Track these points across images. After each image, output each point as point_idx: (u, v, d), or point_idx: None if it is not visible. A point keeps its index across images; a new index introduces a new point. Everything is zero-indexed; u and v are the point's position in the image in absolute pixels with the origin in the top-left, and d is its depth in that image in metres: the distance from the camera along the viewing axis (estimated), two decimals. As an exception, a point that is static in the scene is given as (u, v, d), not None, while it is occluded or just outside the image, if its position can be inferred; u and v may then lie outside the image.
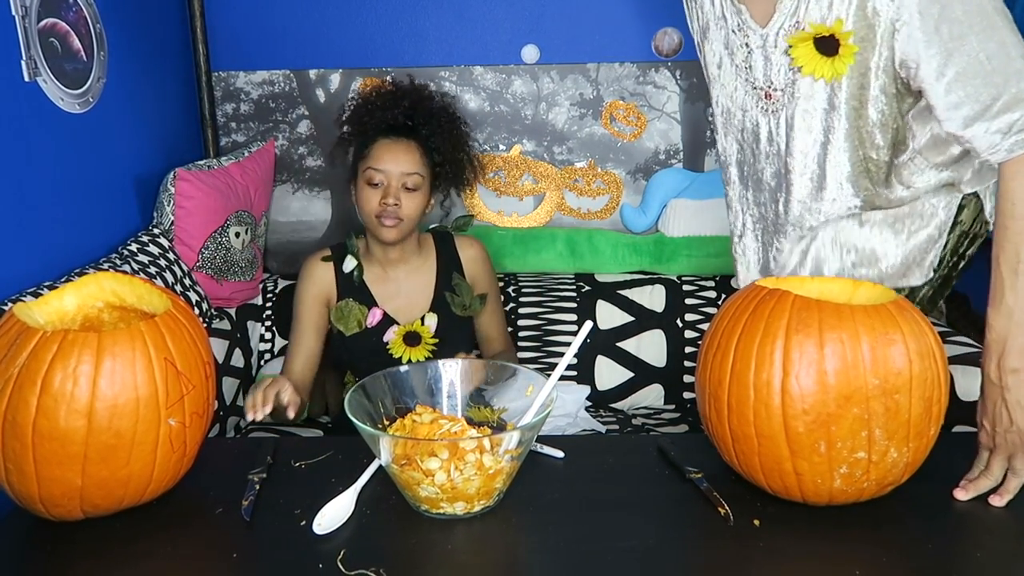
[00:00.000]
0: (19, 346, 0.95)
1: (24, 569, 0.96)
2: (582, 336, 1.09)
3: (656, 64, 2.22)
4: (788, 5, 1.26)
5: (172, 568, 0.95)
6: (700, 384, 1.08)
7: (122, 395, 0.95)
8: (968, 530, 0.99)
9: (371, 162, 1.68)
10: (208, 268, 1.90)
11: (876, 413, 0.94)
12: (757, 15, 1.33)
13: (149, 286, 1.14)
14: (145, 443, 0.98)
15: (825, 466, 0.97)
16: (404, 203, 1.66)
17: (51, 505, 0.98)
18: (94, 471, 0.96)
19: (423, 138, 1.72)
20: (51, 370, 0.93)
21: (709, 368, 1.04)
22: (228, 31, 2.20)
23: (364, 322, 1.75)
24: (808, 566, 0.93)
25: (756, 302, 1.02)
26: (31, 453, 0.94)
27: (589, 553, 0.95)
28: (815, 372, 0.95)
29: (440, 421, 1.11)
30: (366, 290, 1.78)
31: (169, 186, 1.83)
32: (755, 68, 1.37)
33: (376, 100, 1.75)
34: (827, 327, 0.96)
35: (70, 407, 0.93)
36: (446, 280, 1.80)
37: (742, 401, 0.99)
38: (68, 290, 1.10)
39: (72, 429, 0.94)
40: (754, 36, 1.34)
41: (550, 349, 2.04)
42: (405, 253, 1.77)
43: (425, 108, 1.75)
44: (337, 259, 1.79)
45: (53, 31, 1.55)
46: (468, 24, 2.22)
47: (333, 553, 0.94)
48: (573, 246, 2.25)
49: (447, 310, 1.79)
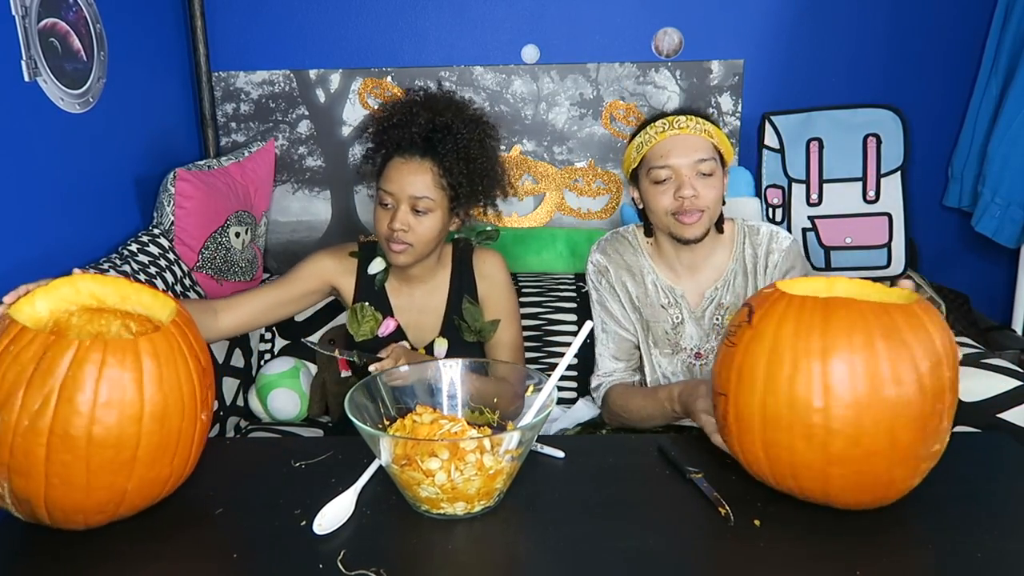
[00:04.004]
0: (53, 358, 0.91)
1: (22, 572, 0.96)
2: (582, 336, 1.09)
3: (656, 64, 2.21)
4: None
5: (172, 568, 0.95)
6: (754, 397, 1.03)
7: (170, 395, 0.97)
8: (968, 530, 0.99)
9: (383, 182, 1.55)
10: (208, 268, 1.90)
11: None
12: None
13: (137, 286, 1.12)
14: (187, 440, 1.01)
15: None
16: (414, 227, 1.53)
17: (93, 513, 0.97)
18: (143, 472, 0.97)
19: (439, 156, 1.54)
20: (100, 378, 0.92)
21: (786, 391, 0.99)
22: (228, 31, 2.20)
23: (376, 330, 1.66)
24: (808, 566, 0.93)
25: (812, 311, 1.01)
26: (85, 464, 0.92)
27: (589, 553, 0.95)
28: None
29: (440, 421, 1.11)
30: (385, 298, 1.68)
31: (169, 186, 1.83)
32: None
33: (393, 116, 1.57)
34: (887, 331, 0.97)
35: (123, 413, 0.93)
36: (457, 302, 1.67)
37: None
38: (39, 295, 1.05)
39: (127, 434, 0.94)
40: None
41: (550, 349, 2.04)
42: (425, 271, 1.65)
43: (443, 123, 1.55)
44: (363, 258, 1.68)
45: (53, 31, 1.55)
46: (468, 24, 2.22)
47: (333, 553, 0.94)
48: (573, 246, 2.25)
49: (457, 335, 1.67)
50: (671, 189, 1.48)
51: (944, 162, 2.28)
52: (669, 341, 1.60)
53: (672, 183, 1.49)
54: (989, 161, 2.05)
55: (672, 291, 1.59)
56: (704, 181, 1.48)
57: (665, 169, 1.49)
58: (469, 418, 1.17)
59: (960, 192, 2.23)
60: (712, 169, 1.49)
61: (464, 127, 1.56)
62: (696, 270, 1.58)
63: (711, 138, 1.50)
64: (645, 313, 1.61)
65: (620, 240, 1.63)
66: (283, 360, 2.01)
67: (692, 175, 1.48)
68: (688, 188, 1.47)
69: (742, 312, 1.08)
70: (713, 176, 1.49)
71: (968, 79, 2.21)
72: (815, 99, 2.19)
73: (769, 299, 1.05)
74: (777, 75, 2.23)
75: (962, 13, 2.19)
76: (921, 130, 2.20)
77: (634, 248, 1.62)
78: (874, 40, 2.21)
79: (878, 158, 2.11)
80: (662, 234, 1.57)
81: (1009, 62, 2.08)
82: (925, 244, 2.28)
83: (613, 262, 1.62)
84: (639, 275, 1.61)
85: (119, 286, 1.11)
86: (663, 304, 1.59)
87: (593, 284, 1.64)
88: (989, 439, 1.30)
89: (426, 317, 1.68)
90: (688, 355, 1.60)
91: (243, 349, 1.96)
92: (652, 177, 1.50)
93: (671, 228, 1.51)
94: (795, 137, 2.14)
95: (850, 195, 2.12)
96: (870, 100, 2.17)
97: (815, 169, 2.13)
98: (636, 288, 1.61)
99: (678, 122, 1.51)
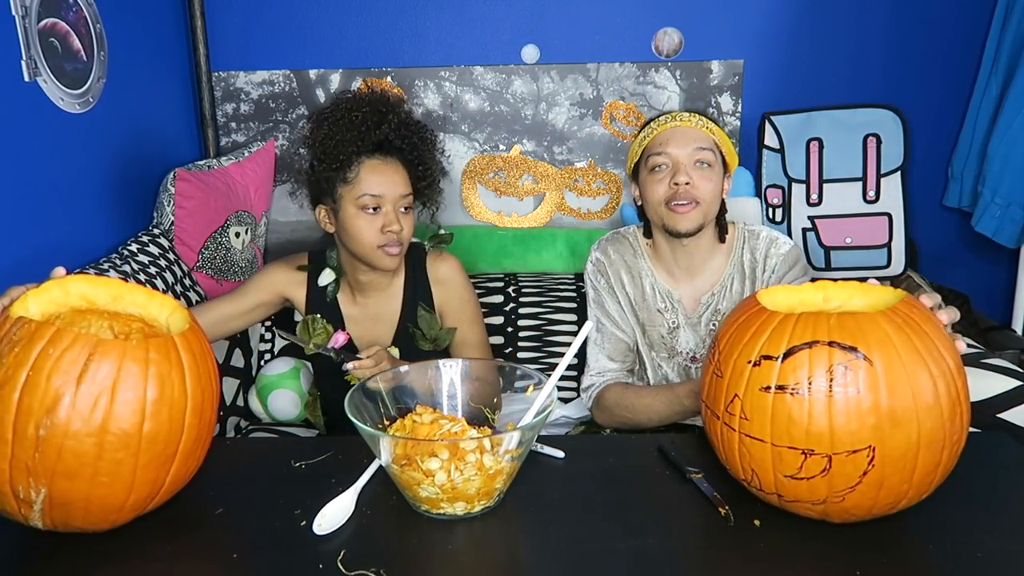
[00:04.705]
0: (100, 357, 0.91)
1: (25, 572, 0.96)
2: (582, 336, 1.09)
3: (656, 64, 2.21)
4: None
5: (172, 568, 0.95)
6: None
7: (206, 389, 1.01)
8: (968, 530, 0.99)
9: (363, 187, 1.50)
10: (208, 268, 1.90)
11: None
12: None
13: (128, 285, 1.11)
14: (209, 431, 1.05)
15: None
16: (405, 226, 1.54)
17: (129, 510, 0.98)
18: (181, 465, 1.00)
19: (404, 155, 1.56)
20: (154, 375, 0.94)
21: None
22: (228, 31, 2.20)
23: (326, 343, 1.59)
24: (808, 566, 0.93)
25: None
26: (135, 459, 0.94)
27: (589, 553, 0.95)
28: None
29: (440, 421, 1.11)
30: (336, 309, 1.66)
31: (169, 186, 1.83)
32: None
33: (353, 117, 1.52)
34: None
35: (172, 409, 0.96)
36: (411, 310, 1.65)
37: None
38: (30, 297, 1.03)
39: (175, 429, 0.97)
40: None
41: (550, 349, 2.04)
42: (380, 277, 1.63)
43: (399, 123, 1.56)
44: (313, 270, 1.67)
45: (53, 31, 1.55)
46: (468, 24, 2.22)
47: (333, 553, 0.94)
48: (573, 246, 2.25)
49: (411, 343, 1.64)
50: (667, 178, 1.48)
51: (944, 162, 2.28)
52: (665, 345, 1.60)
53: (668, 171, 1.48)
54: (989, 161, 2.05)
55: (669, 295, 1.58)
56: (701, 172, 1.48)
57: (662, 156, 1.48)
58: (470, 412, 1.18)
59: (960, 192, 2.23)
60: (710, 160, 1.49)
61: (414, 124, 1.59)
62: (694, 274, 1.58)
63: (712, 134, 1.51)
64: (642, 316, 1.60)
65: (620, 240, 1.63)
66: (283, 360, 2.01)
67: (689, 164, 1.47)
68: (683, 175, 1.46)
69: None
70: (711, 169, 1.49)
71: (968, 79, 2.21)
72: (815, 99, 2.19)
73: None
74: (777, 75, 2.23)
75: (962, 13, 2.19)
76: (921, 130, 2.20)
77: (634, 249, 1.62)
78: (874, 40, 2.21)
79: (878, 158, 2.11)
80: (659, 232, 1.56)
81: (1009, 62, 2.08)
82: (925, 244, 2.28)
83: (613, 262, 1.61)
84: (637, 277, 1.60)
85: (111, 286, 1.10)
86: (659, 308, 1.59)
87: (591, 283, 1.64)
88: (989, 439, 1.30)
89: (379, 326, 1.66)
90: (684, 359, 1.60)
91: (243, 349, 1.96)
92: (650, 165, 1.50)
93: (664, 220, 1.50)
94: (795, 137, 2.14)
95: (850, 195, 2.12)
96: (870, 100, 2.17)
97: (815, 169, 2.13)
98: (634, 290, 1.60)
99: (680, 116, 1.51)
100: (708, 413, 1.05)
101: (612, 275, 1.61)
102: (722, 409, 1.00)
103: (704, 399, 1.06)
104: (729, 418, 0.99)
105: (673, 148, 1.48)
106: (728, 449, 1.01)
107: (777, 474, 0.96)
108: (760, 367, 0.95)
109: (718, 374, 1.02)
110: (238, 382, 1.93)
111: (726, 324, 1.06)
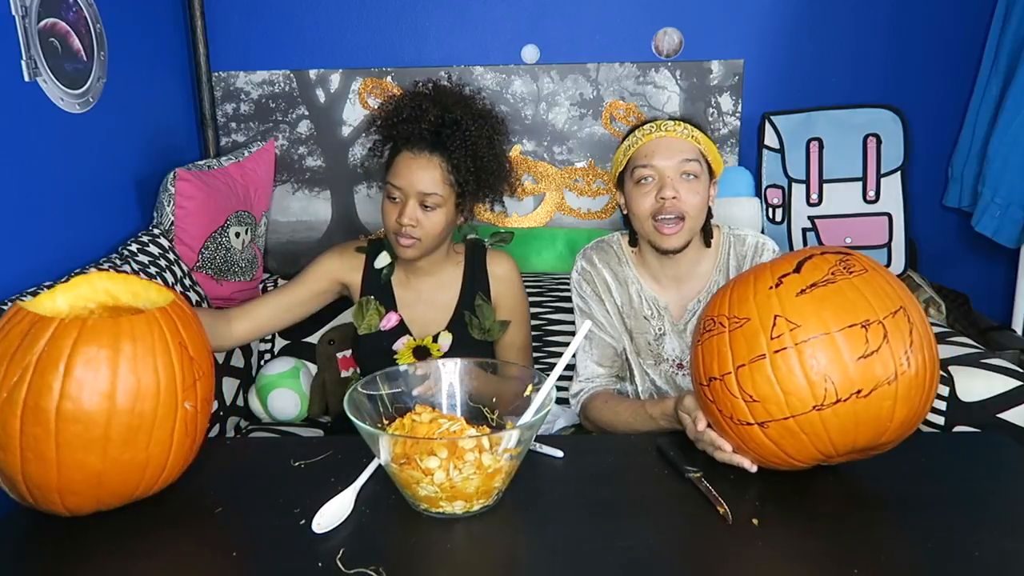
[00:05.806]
0: (34, 335, 0.96)
1: (23, 568, 0.96)
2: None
3: (656, 64, 2.22)
4: None
5: (172, 567, 0.95)
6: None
7: (144, 377, 0.99)
8: (968, 530, 0.99)
9: (392, 176, 1.56)
10: (208, 268, 1.90)
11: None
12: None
13: (145, 282, 1.15)
14: (164, 426, 1.01)
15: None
16: (422, 222, 1.54)
17: (68, 494, 0.98)
18: (116, 454, 0.98)
19: (448, 152, 1.55)
20: (73, 354, 0.95)
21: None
22: (228, 31, 2.20)
23: (378, 324, 1.67)
24: (807, 565, 0.93)
25: None
26: (54, 438, 0.95)
27: (589, 553, 0.95)
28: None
29: (439, 420, 1.11)
30: (390, 291, 1.70)
31: (169, 186, 1.83)
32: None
33: (402, 110, 1.58)
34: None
35: (93, 389, 0.95)
36: (469, 299, 1.69)
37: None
38: (59, 291, 1.10)
39: (96, 411, 0.96)
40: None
41: (550, 349, 2.04)
42: (431, 265, 1.67)
43: (452, 119, 1.55)
44: (370, 253, 1.70)
45: (53, 31, 1.55)
46: (468, 24, 2.22)
47: (332, 552, 0.94)
48: (573, 246, 2.25)
49: (464, 331, 1.68)
50: (653, 191, 1.47)
51: (944, 162, 2.28)
52: (652, 352, 1.59)
53: (654, 184, 1.48)
54: (989, 161, 2.05)
55: (656, 302, 1.58)
56: (687, 185, 1.47)
57: (648, 168, 1.48)
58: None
59: (960, 192, 2.23)
60: (696, 172, 1.48)
61: (473, 123, 1.56)
62: (681, 281, 1.57)
63: (698, 144, 1.49)
64: (629, 323, 1.60)
65: (605, 249, 1.62)
66: (283, 360, 2.01)
67: (675, 177, 1.47)
68: (670, 189, 1.45)
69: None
70: (698, 180, 1.48)
71: (968, 79, 2.21)
72: (815, 99, 2.19)
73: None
74: (777, 75, 2.23)
75: (962, 13, 2.19)
76: (921, 130, 2.20)
77: (619, 257, 1.61)
78: (874, 40, 2.21)
79: (878, 158, 2.11)
80: (644, 242, 1.56)
81: (1009, 62, 2.08)
82: (925, 244, 2.28)
83: (599, 271, 1.60)
84: (624, 284, 1.60)
85: (130, 283, 1.15)
86: (646, 315, 1.58)
87: (577, 291, 1.63)
88: (989, 439, 1.30)
89: (432, 311, 1.70)
90: (670, 366, 1.59)
91: (243, 349, 1.96)
92: (635, 177, 1.50)
93: (651, 236, 1.50)
94: (795, 137, 2.14)
95: (850, 195, 2.12)
96: (870, 100, 2.17)
97: (815, 169, 2.13)
98: (621, 297, 1.60)
99: (665, 126, 1.50)
100: (773, 355, 1.03)
101: (599, 283, 1.61)
102: (781, 332, 1.03)
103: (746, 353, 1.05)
104: (779, 344, 1.02)
105: (659, 160, 1.47)
106: (789, 376, 1.02)
107: (851, 362, 0.99)
108: (782, 286, 1.05)
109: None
110: (238, 382, 1.93)
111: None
